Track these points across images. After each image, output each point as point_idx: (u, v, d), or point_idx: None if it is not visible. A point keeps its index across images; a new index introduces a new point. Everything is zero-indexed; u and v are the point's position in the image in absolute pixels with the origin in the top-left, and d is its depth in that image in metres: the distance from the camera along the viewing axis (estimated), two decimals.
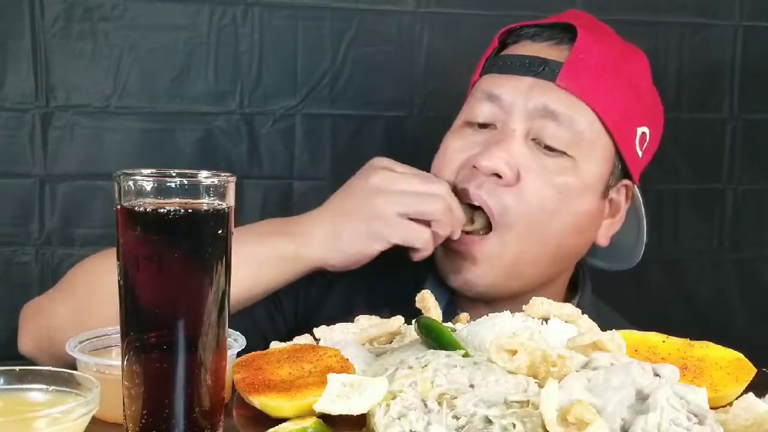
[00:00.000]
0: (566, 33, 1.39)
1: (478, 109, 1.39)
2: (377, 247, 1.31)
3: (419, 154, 1.91)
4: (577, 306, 1.40)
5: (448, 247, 1.37)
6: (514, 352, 0.85)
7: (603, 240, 1.44)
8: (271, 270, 1.32)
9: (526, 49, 1.40)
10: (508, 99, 1.36)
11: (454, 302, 1.43)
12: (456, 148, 1.39)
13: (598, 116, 1.35)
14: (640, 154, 1.42)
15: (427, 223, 1.31)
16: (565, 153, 1.34)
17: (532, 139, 1.34)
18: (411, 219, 1.30)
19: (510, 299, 1.35)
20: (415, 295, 1.10)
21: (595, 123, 1.35)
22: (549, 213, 1.34)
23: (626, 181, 1.43)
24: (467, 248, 1.35)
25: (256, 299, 1.34)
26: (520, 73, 1.37)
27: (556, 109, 1.33)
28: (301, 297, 1.47)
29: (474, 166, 1.34)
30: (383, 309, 1.18)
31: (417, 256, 1.34)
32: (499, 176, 1.32)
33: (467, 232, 1.35)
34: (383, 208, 1.30)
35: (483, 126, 1.38)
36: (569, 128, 1.33)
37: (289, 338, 1.07)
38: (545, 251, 1.37)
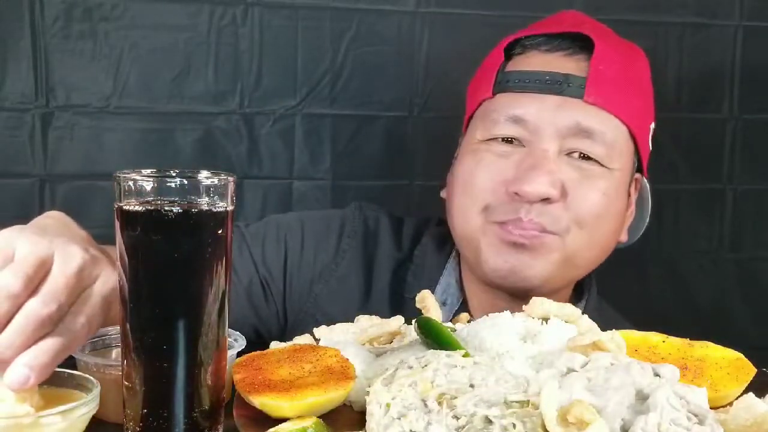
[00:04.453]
0: (577, 42, 1.37)
1: (501, 131, 1.36)
2: None
3: (419, 154, 1.93)
4: (584, 308, 1.41)
5: (501, 240, 1.33)
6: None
7: (624, 236, 1.45)
8: None
9: (539, 62, 1.38)
10: (534, 120, 1.33)
11: (466, 304, 1.43)
12: (483, 172, 1.36)
13: (625, 124, 1.35)
14: (650, 147, 1.44)
15: None
16: (599, 162, 1.34)
17: (566, 154, 1.34)
18: None
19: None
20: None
21: (623, 131, 1.36)
22: (597, 217, 1.34)
23: (637, 175, 1.45)
24: (530, 242, 1.31)
25: None
26: (542, 92, 1.35)
27: (589, 125, 1.33)
28: (296, 289, 1.47)
29: (516, 193, 1.31)
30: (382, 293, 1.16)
31: None
32: (545, 199, 1.31)
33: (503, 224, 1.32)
34: None
35: (506, 141, 1.36)
36: (602, 142, 1.33)
37: (285, 317, 1.07)
38: (595, 252, 1.38)
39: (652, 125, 1.43)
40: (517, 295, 1.36)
